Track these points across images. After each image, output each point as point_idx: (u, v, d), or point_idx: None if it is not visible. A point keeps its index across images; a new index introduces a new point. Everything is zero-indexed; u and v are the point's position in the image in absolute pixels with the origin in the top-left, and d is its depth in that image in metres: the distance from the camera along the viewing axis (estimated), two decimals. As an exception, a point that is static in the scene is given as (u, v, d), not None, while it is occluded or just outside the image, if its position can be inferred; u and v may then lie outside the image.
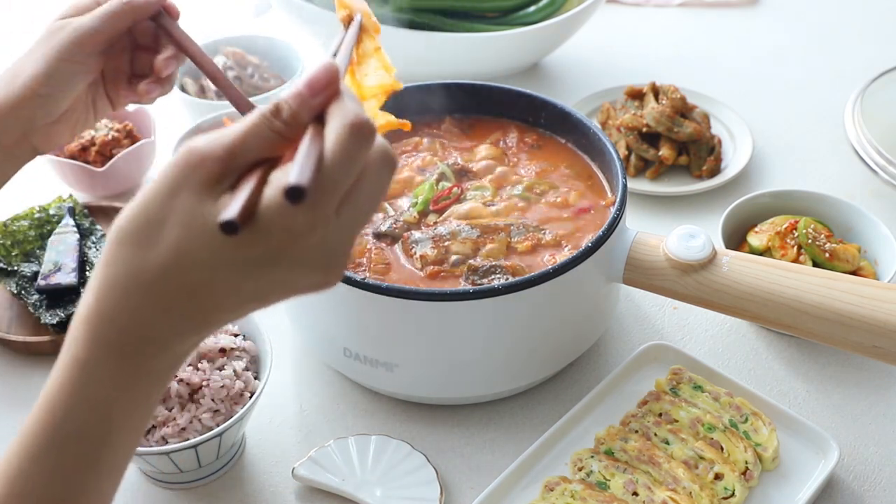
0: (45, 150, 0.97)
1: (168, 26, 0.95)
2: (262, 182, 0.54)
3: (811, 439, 0.95)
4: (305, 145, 0.54)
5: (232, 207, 0.52)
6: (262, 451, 0.98)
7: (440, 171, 1.09)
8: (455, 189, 1.07)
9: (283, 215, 0.53)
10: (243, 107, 0.99)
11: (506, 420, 1.01)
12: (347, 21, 0.94)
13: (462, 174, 1.10)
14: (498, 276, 0.96)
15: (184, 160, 0.54)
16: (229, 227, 0.51)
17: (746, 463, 0.91)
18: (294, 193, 0.51)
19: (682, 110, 1.34)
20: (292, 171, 0.51)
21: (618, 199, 1.00)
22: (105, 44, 0.93)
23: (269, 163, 0.56)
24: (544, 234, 1.02)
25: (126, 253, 0.55)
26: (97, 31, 0.91)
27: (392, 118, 0.93)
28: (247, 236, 0.53)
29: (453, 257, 0.99)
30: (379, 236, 1.03)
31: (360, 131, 0.54)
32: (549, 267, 0.92)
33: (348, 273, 0.91)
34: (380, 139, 0.57)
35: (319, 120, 0.56)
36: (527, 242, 1.00)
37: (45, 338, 1.07)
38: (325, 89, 0.56)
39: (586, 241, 0.98)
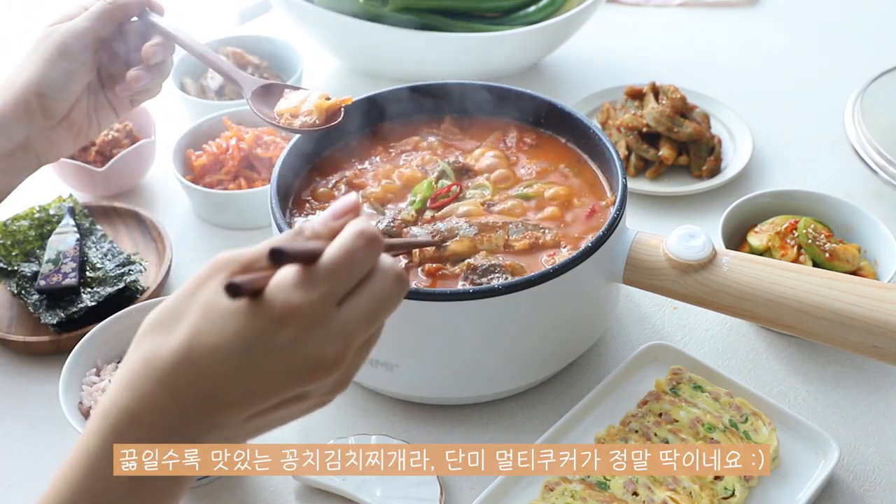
0: (48, 159, 0.97)
1: (155, 21, 0.98)
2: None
3: (811, 439, 0.95)
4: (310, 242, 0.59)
5: (240, 277, 0.57)
6: (262, 451, 0.98)
7: (440, 170, 1.09)
8: (454, 188, 1.07)
9: (283, 290, 0.56)
10: (239, 81, 1.01)
11: (506, 420, 1.01)
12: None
13: (463, 172, 1.10)
14: (497, 275, 0.96)
15: (212, 263, 0.59)
16: (233, 289, 0.55)
17: (746, 463, 0.91)
18: (275, 254, 0.56)
19: (682, 110, 1.34)
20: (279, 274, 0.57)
21: (618, 199, 1.00)
22: (96, 43, 0.95)
23: None
24: (543, 233, 1.02)
25: (145, 343, 0.58)
26: (86, 31, 0.94)
27: (336, 99, 1.00)
28: (251, 313, 0.56)
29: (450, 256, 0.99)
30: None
31: (363, 235, 0.58)
32: (549, 267, 0.92)
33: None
34: (394, 262, 0.61)
35: None
36: (524, 241, 1.00)
37: (45, 338, 1.07)
38: (346, 214, 0.61)
39: (586, 241, 0.98)
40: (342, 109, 1.01)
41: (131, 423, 0.57)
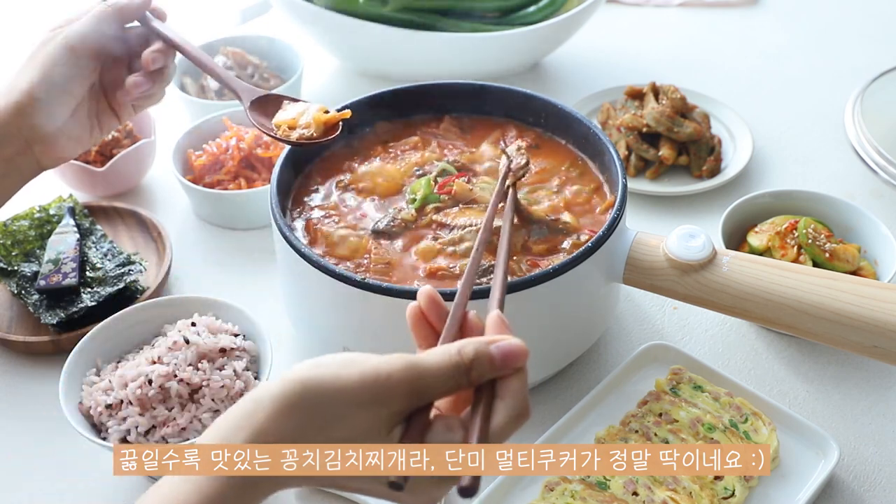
0: (50, 164, 0.97)
1: (156, 27, 0.98)
2: (425, 431, 0.62)
3: (811, 439, 0.95)
4: (476, 431, 0.61)
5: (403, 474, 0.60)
6: (262, 451, 0.98)
7: (441, 168, 1.09)
8: (461, 178, 1.06)
9: (437, 482, 0.61)
10: (238, 91, 1.01)
11: (506, 420, 1.01)
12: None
13: (463, 172, 1.10)
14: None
15: (385, 388, 0.60)
16: (397, 487, 0.59)
17: (746, 463, 0.91)
18: (466, 491, 0.59)
19: (682, 110, 1.34)
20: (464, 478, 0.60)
21: (618, 199, 1.00)
22: (96, 46, 0.95)
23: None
24: (565, 236, 1.01)
25: (301, 421, 0.60)
26: (87, 34, 0.94)
27: (335, 113, 1.00)
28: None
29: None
30: (376, 234, 1.03)
31: (522, 420, 0.64)
32: (549, 267, 0.92)
33: (348, 273, 0.92)
34: (526, 407, 0.65)
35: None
36: (543, 245, 1.00)
37: (45, 338, 1.07)
38: (514, 367, 0.64)
39: (586, 241, 0.98)
40: (340, 123, 1.00)
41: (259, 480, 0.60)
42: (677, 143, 1.32)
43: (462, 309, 0.69)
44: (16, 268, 1.12)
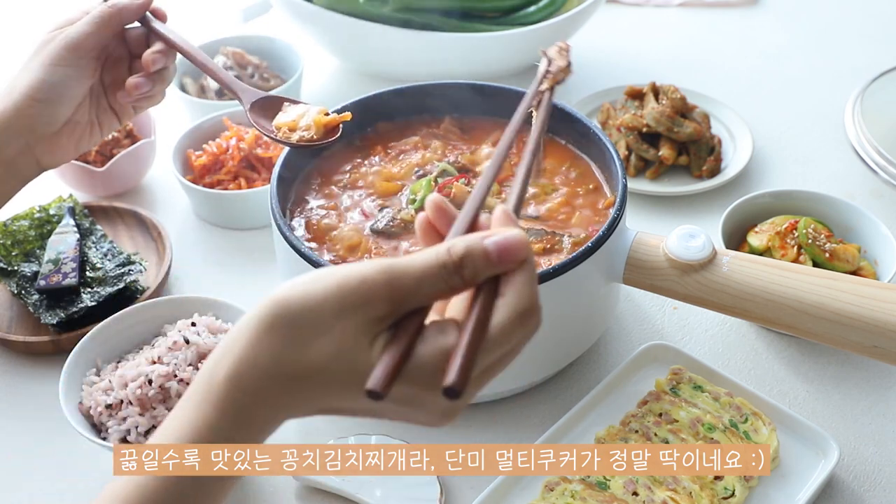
0: (50, 165, 0.97)
1: (157, 27, 0.98)
2: (415, 337, 0.56)
3: (811, 439, 0.95)
4: (469, 329, 0.55)
5: (376, 375, 0.54)
6: (262, 451, 0.98)
7: (441, 168, 1.09)
8: (461, 179, 1.06)
9: (428, 388, 0.56)
10: (238, 93, 1.01)
11: (506, 420, 1.01)
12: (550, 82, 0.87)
13: (463, 173, 1.10)
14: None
15: (360, 293, 0.56)
16: (374, 395, 0.54)
17: (746, 463, 0.91)
18: (451, 392, 0.53)
19: (682, 110, 1.34)
20: (451, 368, 0.53)
21: (618, 199, 1.00)
22: (97, 47, 0.95)
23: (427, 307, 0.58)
24: (562, 238, 1.01)
25: (275, 344, 0.57)
26: (88, 35, 0.94)
27: (335, 115, 0.99)
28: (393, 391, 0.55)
29: None
30: (376, 233, 1.03)
31: (530, 318, 0.56)
32: (549, 267, 0.92)
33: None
34: (534, 306, 0.57)
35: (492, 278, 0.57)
36: (540, 244, 1.00)
37: (45, 338, 1.07)
38: (514, 261, 0.57)
39: (586, 241, 0.98)
40: (340, 126, 1.00)
41: (248, 407, 0.59)
42: (677, 143, 1.32)
43: (472, 213, 0.61)
44: (16, 268, 1.12)
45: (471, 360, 0.54)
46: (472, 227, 0.61)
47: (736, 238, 1.15)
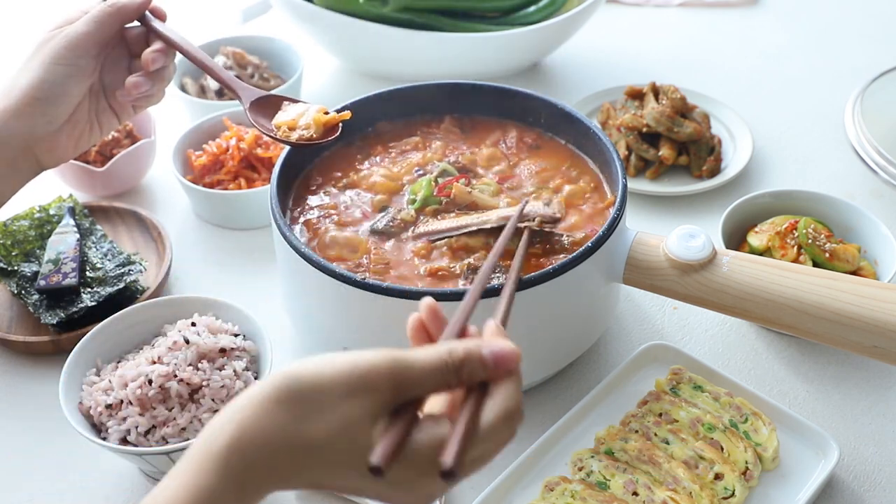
0: (49, 164, 0.97)
1: (156, 27, 0.98)
2: (412, 424, 0.61)
3: (811, 439, 0.95)
4: (464, 422, 0.60)
5: (378, 452, 0.58)
6: (262, 451, 0.98)
7: (441, 169, 1.09)
8: (461, 180, 1.06)
9: (422, 472, 0.60)
10: (238, 92, 1.01)
11: (506, 420, 1.01)
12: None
13: (463, 173, 1.10)
14: (497, 275, 0.96)
15: (367, 378, 0.60)
16: (376, 472, 0.58)
17: (746, 463, 0.91)
18: (448, 475, 0.58)
19: (682, 110, 1.34)
20: (448, 452, 0.58)
21: (618, 199, 1.00)
22: (97, 46, 0.95)
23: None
24: (561, 237, 1.01)
25: (282, 416, 0.60)
26: (87, 34, 0.94)
27: (335, 114, 1.00)
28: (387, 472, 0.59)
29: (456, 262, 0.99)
30: (376, 233, 1.03)
31: (514, 420, 0.62)
32: (549, 267, 0.92)
33: (348, 273, 0.92)
34: (519, 409, 0.63)
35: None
36: (538, 246, 1.00)
37: (45, 338, 1.07)
38: (507, 370, 0.62)
39: (586, 241, 0.98)
40: (340, 124, 1.00)
41: (251, 477, 0.60)
42: (677, 143, 1.32)
43: (462, 322, 0.68)
44: (16, 268, 1.12)
45: (465, 447, 0.59)
46: (462, 334, 0.67)
47: (736, 238, 1.15)
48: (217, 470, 0.60)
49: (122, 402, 0.92)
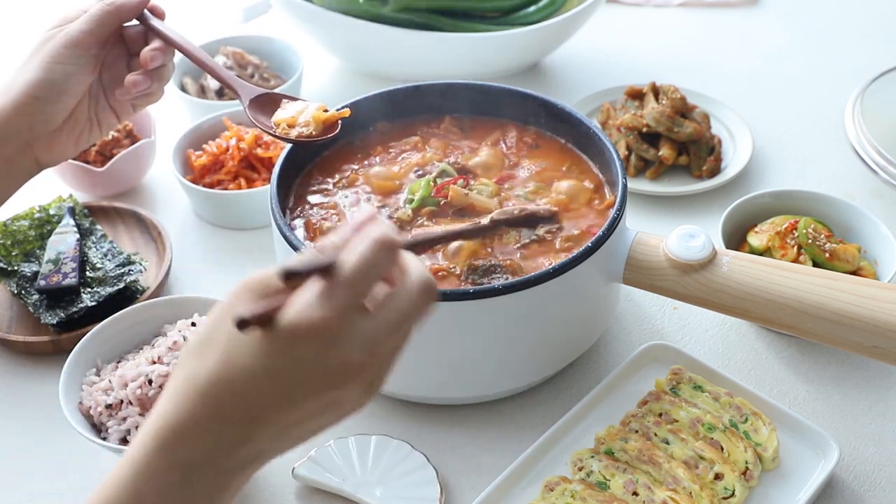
0: (49, 163, 0.97)
1: (155, 25, 0.98)
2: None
3: (811, 439, 0.95)
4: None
5: (247, 308, 0.58)
6: (262, 451, 0.98)
7: (441, 169, 1.09)
8: (460, 181, 1.07)
9: (298, 310, 0.57)
10: (237, 89, 1.01)
11: (506, 420, 1.01)
12: None
13: (462, 173, 1.10)
14: (498, 275, 0.96)
15: (234, 291, 0.61)
16: (242, 323, 0.57)
17: (746, 463, 0.91)
18: (287, 274, 0.57)
19: (682, 110, 1.34)
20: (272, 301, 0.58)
21: (618, 199, 1.00)
22: (96, 45, 0.95)
23: None
24: (555, 236, 1.01)
25: (187, 364, 0.61)
26: (87, 33, 0.94)
27: (334, 111, 1.01)
28: (268, 340, 0.58)
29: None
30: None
31: (383, 244, 0.58)
32: (549, 267, 0.92)
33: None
34: (422, 271, 0.61)
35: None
36: (534, 245, 1.00)
37: (45, 338, 1.07)
38: (365, 224, 0.60)
39: (586, 241, 0.98)
40: (339, 122, 1.01)
41: (177, 434, 0.59)
42: (677, 143, 1.32)
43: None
44: (16, 268, 1.12)
45: (324, 261, 0.57)
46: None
47: (736, 238, 1.15)
48: (143, 440, 0.60)
49: (122, 402, 0.92)
